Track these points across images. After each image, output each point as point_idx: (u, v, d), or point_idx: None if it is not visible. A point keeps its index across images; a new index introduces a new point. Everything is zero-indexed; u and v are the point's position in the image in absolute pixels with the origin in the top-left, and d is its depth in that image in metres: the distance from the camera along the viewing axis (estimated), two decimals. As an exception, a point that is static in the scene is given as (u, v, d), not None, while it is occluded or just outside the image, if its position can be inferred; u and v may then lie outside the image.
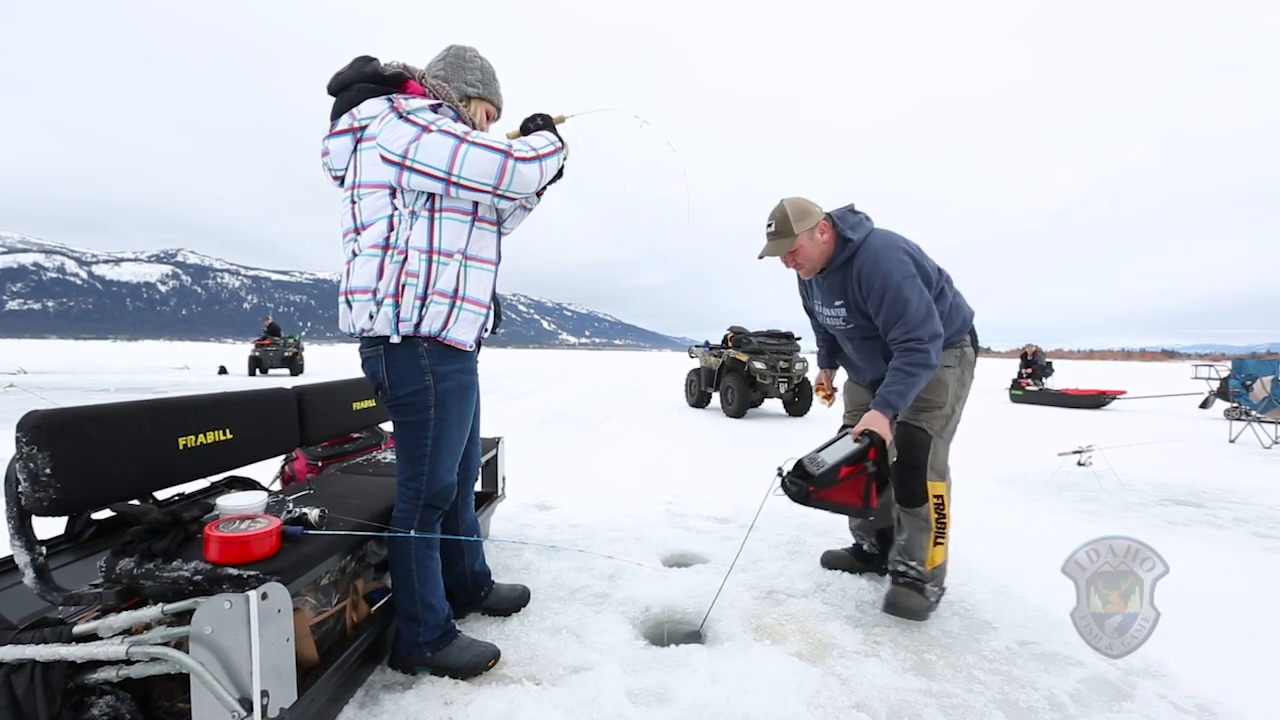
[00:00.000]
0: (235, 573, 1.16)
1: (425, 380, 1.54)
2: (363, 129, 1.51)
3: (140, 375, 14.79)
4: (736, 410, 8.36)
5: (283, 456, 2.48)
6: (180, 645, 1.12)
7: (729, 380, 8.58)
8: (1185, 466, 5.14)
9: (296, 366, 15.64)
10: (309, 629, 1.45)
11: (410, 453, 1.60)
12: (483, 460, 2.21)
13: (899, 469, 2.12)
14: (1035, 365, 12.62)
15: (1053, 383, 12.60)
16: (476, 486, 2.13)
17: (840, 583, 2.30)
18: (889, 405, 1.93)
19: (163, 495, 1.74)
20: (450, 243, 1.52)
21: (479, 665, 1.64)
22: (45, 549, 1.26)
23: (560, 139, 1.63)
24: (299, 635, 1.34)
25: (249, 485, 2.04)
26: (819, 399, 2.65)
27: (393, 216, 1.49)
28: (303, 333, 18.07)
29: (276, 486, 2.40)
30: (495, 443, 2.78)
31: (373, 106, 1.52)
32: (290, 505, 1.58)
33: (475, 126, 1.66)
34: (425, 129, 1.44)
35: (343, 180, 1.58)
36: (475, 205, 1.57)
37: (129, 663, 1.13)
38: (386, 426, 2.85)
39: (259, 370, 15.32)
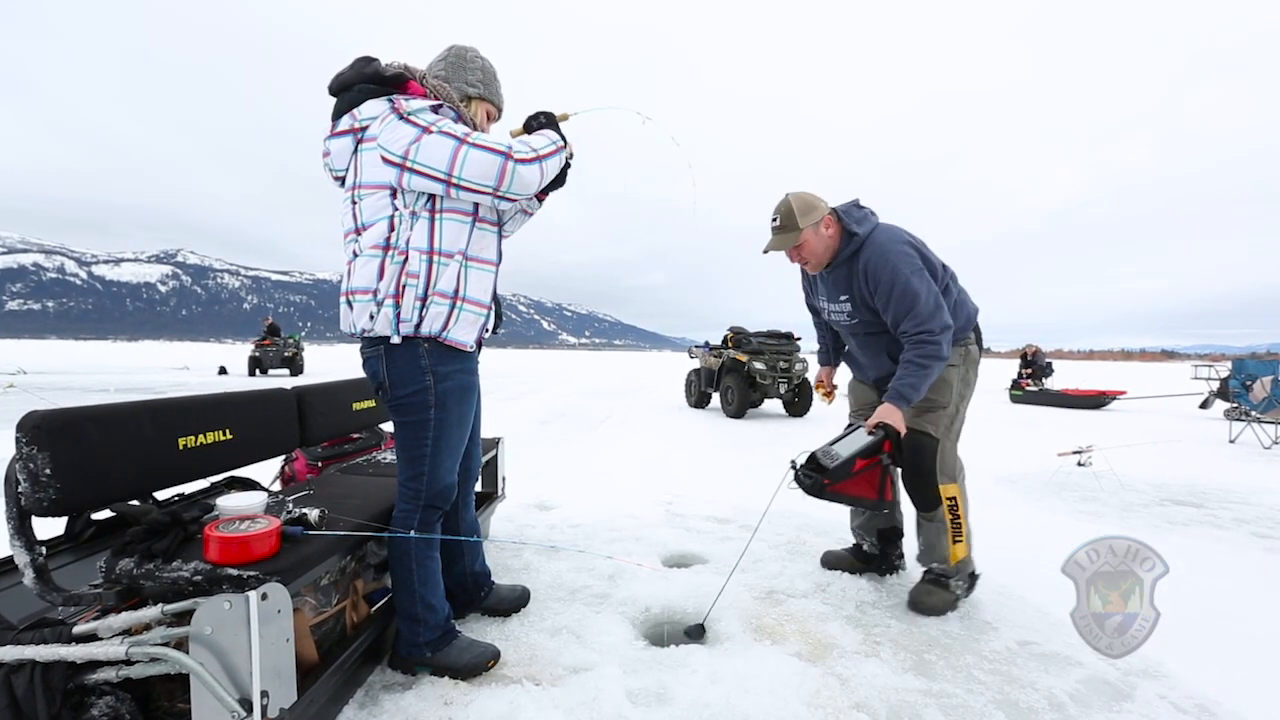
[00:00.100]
0: (235, 573, 1.16)
1: (425, 380, 1.54)
2: (363, 130, 1.52)
3: (140, 375, 14.79)
4: (736, 410, 8.36)
5: (282, 457, 2.48)
6: (180, 646, 1.12)
7: (729, 380, 8.58)
8: (1185, 467, 5.14)
9: (296, 367, 15.65)
10: (309, 629, 1.45)
11: (410, 453, 1.60)
12: (483, 460, 2.21)
13: (908, 477, 2.11)
14: (1035, 365, 12.62)
15: (1053, 383, 12.59)
16: (477, 487, 2.13)
17: (840, 583, 2.30)
18: (902, 398, 1.92)
19: (163, 495, 1.74)
20: (451, 243, 1.53)
21: (479, 665, 1.64)
22: (45, 549, 1.26)
23: (563, 137, 1.62)
24: (299, 635, 1.34)
25: (249, 486, 2.04)
26: (819, 396, 2.63)
27: (393, 217, 1.50)
28: (302, 333, 18.06)
29: (276, 487, 2.39)
30: (495, 443, 2.78)
31: (373, 107, 1.52)
32: (290, 506, 1.58)
33: (476, 127, 1.66)
34: (426, 130, 1.44)
35: (344, 181, 1.58)
36: (476, 206, 1.57)
37: (129, 663, 1.13)
38: (386, 427, 2.85)
39: (259, 370, 15.33)
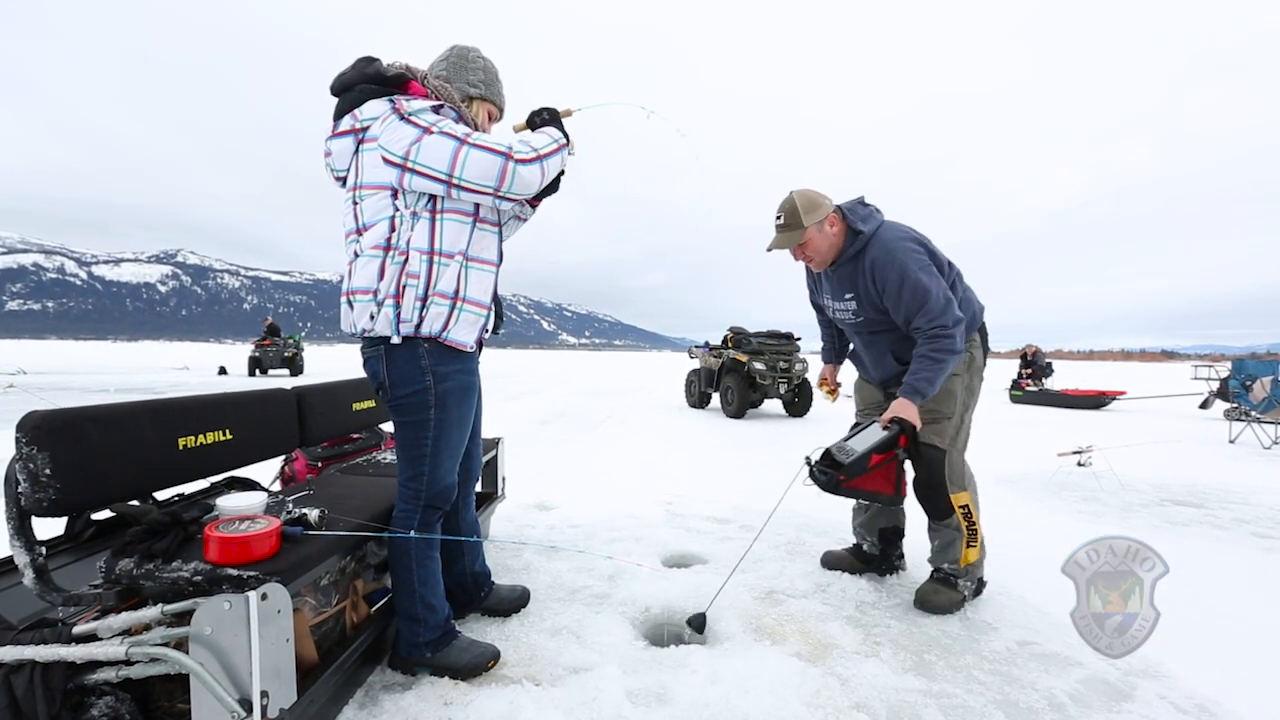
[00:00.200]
0: (235, 573, 1.15)
1: (425, 381, 1.54)
2: (364, 130, 1.52)
3: (140, 376, 14.79)
4: (736, 411, 8.36)
5: (282, 457, 2.48)
6: (180, 646, 1.11)
7: (729, 381, 8.58)
8: (1185, 467, 5.14)
9: (296, 367, 15.65)
10: (309, 629, 1.45)
11: (411, 453, 1.60)
12: (483, 461, 2.21)
13: (920, 489, 2.10)
14: (1035, 366, 12.62)
15: (1052, 383, 12.60)
16: (477, 487, 2.13)
17: (840, 583, 2.30)
18: (917, 392, 1.91)
19: (162, 496, 1.74)
20: (451, 244, 1.53)
21: (479, 666, 1.64)
22: (45, 549, 1.26)
23: (565, 135, 1.62)
24: (299, 636, 1.34)
25: (249, 486, 2.04)
26: (823, 394, 2.60)
27: (394, 217, 1.50)
28: (302, 333, 18.07)
29: (276, 487, 2.39)
30: (495, 443, 2.78)
31: (375, 108, 1.52)
32: (290, 506, 1.58)
33: (477, 127, 1.66)
34: (426, 130, 1.44)
35: (345, 181, 1.58)
36: (476, 206, 1.57)
37: (129, 663, 1.13)
38: (386, 427, 2.85)
39: (259, 371, 15.33)
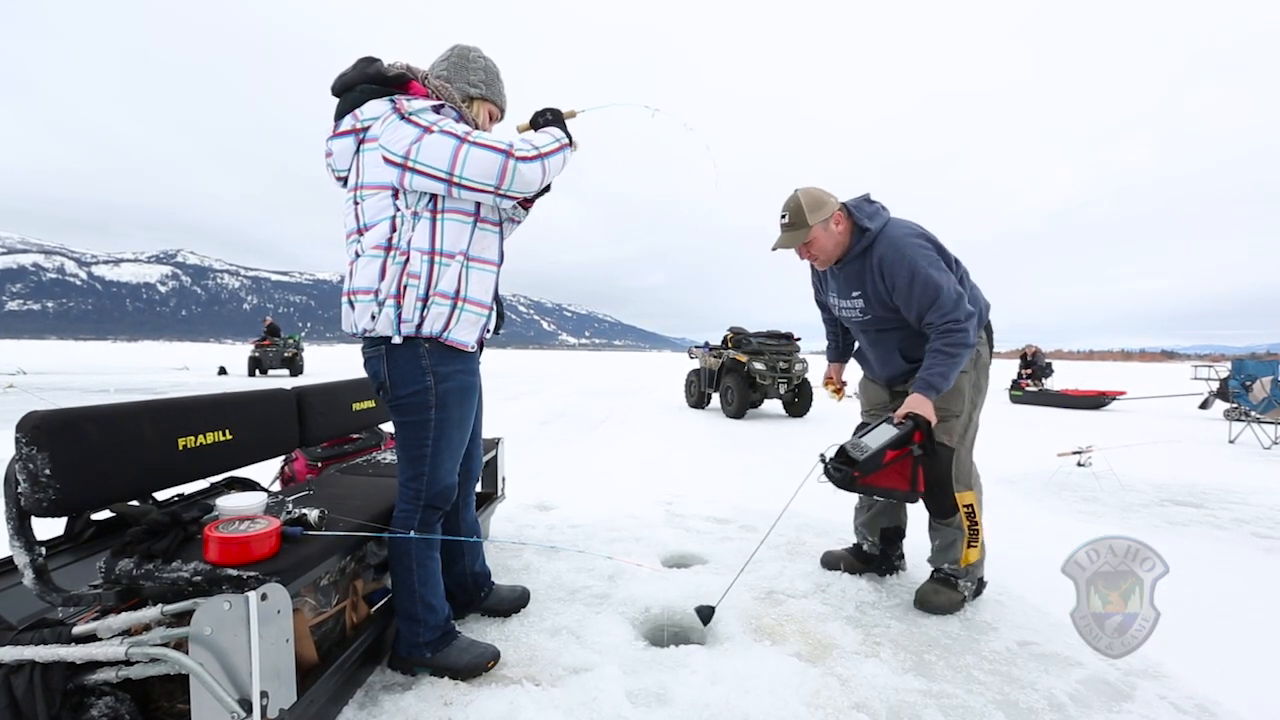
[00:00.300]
0: (235, 573, 1.15)
1: (426, 381, 1.54)
2: (365, 130, 1.52)
3: (140, 376, 14.78)
4: (736, 411, 8.36)
5: (282, 457, 2.48)
6: (180, 646, 1.11)
7: (729, 381, 8.58)
8: (1185, 467, 5.14)
9: (296, 367, 15.64)
10: (309, 630, 1.45)
11: (411, 453, 1.60)
12: (483, 461, 2.21)
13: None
14: (1035, 366, 12.62)
15: (1052, 383, 12.59)
16: (477, 487, 2.13)
17: (840, 583, 2.30)
18: (931, 387, 1.90)
19: (162, 496, 1.74)
20: (452, 244, 1.53)
21: (479, 666, 1.64)
22: (45, 550, 1.26)
23: (568, 135, 1.62)
24: (299, 636, 1.34)
25: (248, 486, 2.04)
26: (829, 393, 2.58)
27: (395, 217, 1.50)
28: (302, 333, 18.06)
29: (276, 487, 2.39)
30: (495, 443, 2.78)
31: (375, 108, 1.52)
32: (290, 506, 1.58)
33: (478, 127, 1.66)
34: (427, 130, 1.44)
35: (346, 181, 1.58)
36: (477, 206, 1.57)
37: (128, 664, 1.13)
38: (386, 427, 2.85)
39: (259, 371, 15.32)
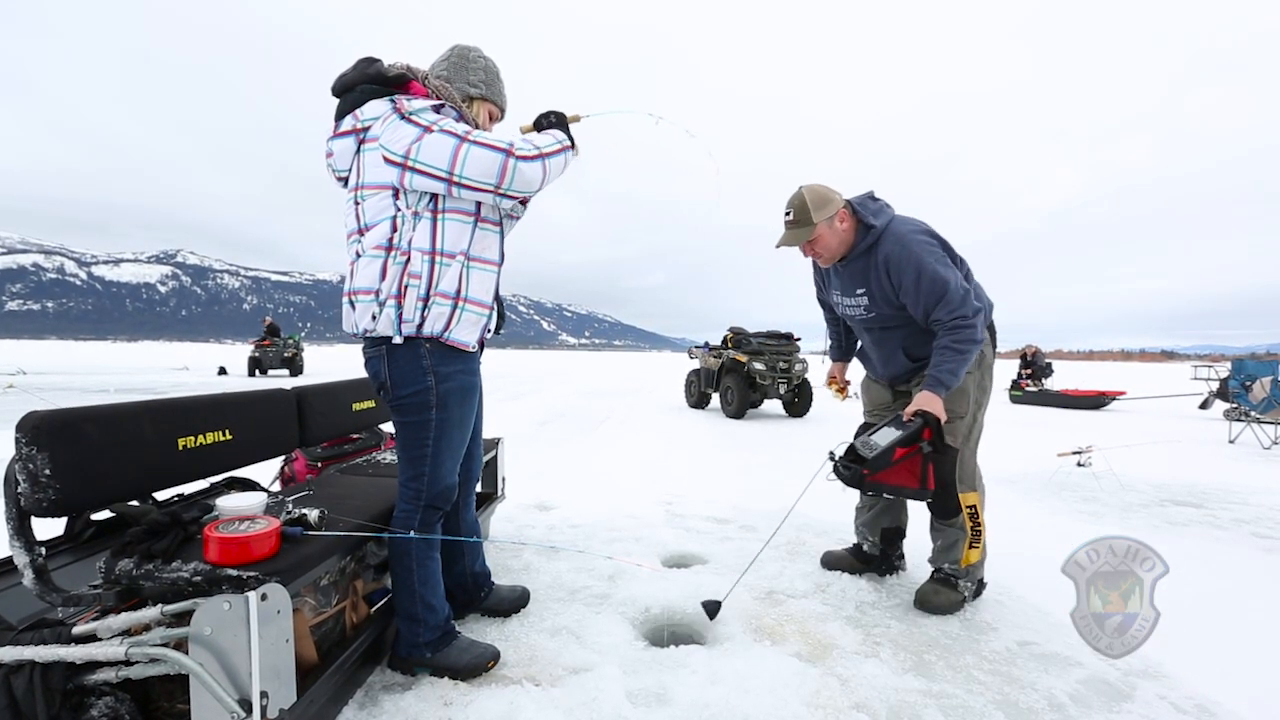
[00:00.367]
0: (235, 573, 1.15)
1: (427, 381, 1.54)
2: (366, 130, 1.52)
3: (140, 376, 14.78)
4: (736, 411, 8.36)
5: (282, 457, 2.48)
6: (180, 646, 1.11)
7: (729, 381, 8.58)
8: (1185, 467, 5.14)
9: (296, 367, 15.64)
10: (308, 630, 1.45)
11: (412, 453, 1.60)
12: (483, 461, 2.21)
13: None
14: (1035, 366, 12.62)
15: (1052, 383, 12.60)
16: (477, 487, 2.13)
17: (840, 583, 2.30)
18: (941, 384, 1.89)
19: (162, 496, 1.74)
20: (453, 244, 1.53)
21: (479, 666, 1.64)
22: (45, 550, 1.26)
23: (570, 138, 1.62)
24: (298, 636, 1.34)
25: (248, 486, 2.04)
26: (832, 393, 2.56)
27: (396, 217, 1.50)
28: (302, 333, 18.05)
29: (276, 487, 2.39)
30: (495, 443, 2.78)
31: (376, 108, 1.52)
32: (290, 506, 1.57)
33: (478, 127, 1.66)
34: (427, 129, 1.44)
35: (346, 181, 1.58)
36: (478, 206, 1.57)
37: (128, 664, 1.13)
38: (386, 427, 2.85)
39: (258, 371, 15.32)
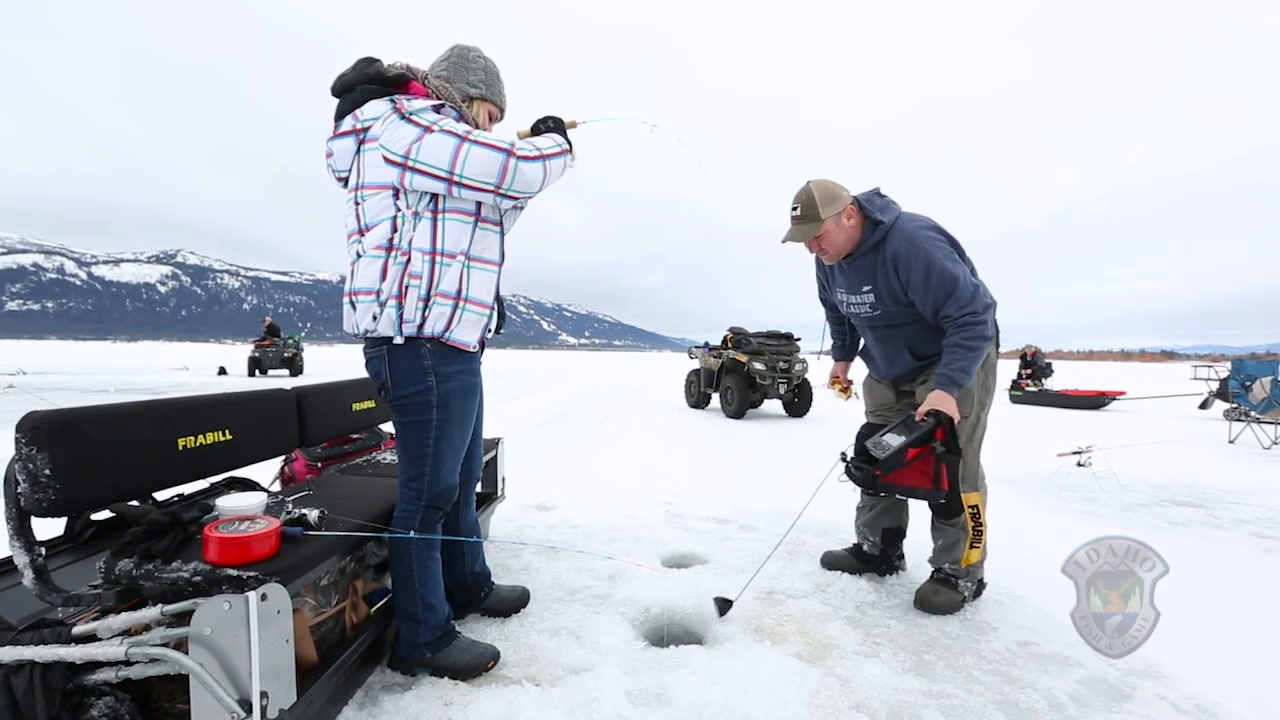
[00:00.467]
0: (235, 573, 1.15)
1: (428, 381, 1.54)
2: (366, 130, 1.52)
3: (140, 376, 14.78)
4: (736, 411, 8.36)
5: (282, 457, 2.48)
6: (180, 646, 1.11)
7: (729, 381, 8.58)
8: (1185, 467, 5.14)
9: (296, 367, 15.64)
10: (308, 630, 1.45)
11: (412, 453, 1.60)
12: (483, 461, 2.21)
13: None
14: (1035, 366, 12.62)
15: (1052, 383, 12.59)
16: (477, 488, 2.13)
17: (840, 583, 2.30)
18: (953, 383, 1.88)
19: (162, 496, 1.74)
20: (453, 244, 1.53)
21: (479, 666, 1.64)
22: (45, 550, 1.26)
23: (569, 143, 1.63)
24: (298, 636, 1.34)
25: (248, 486, 2.04)
26: (835, 393, 2.54)
27: (396, 218, 1.50)
28: (302, 334, 18.05)
29: (276, 487, 2.39)
30: (495, 443, 2.78)
31: (375, 108, 1.52)
32: (290, 506, 1.57)
33: (478, 127, 1.67)
34: (427, 129, 1.44)
35: (347, 181, 1.58)
36: (478, 206, 1.57)
37: (128, 664, 1.13)
38: (386, 427, 2.85)
39: (258, 371, 15.32)
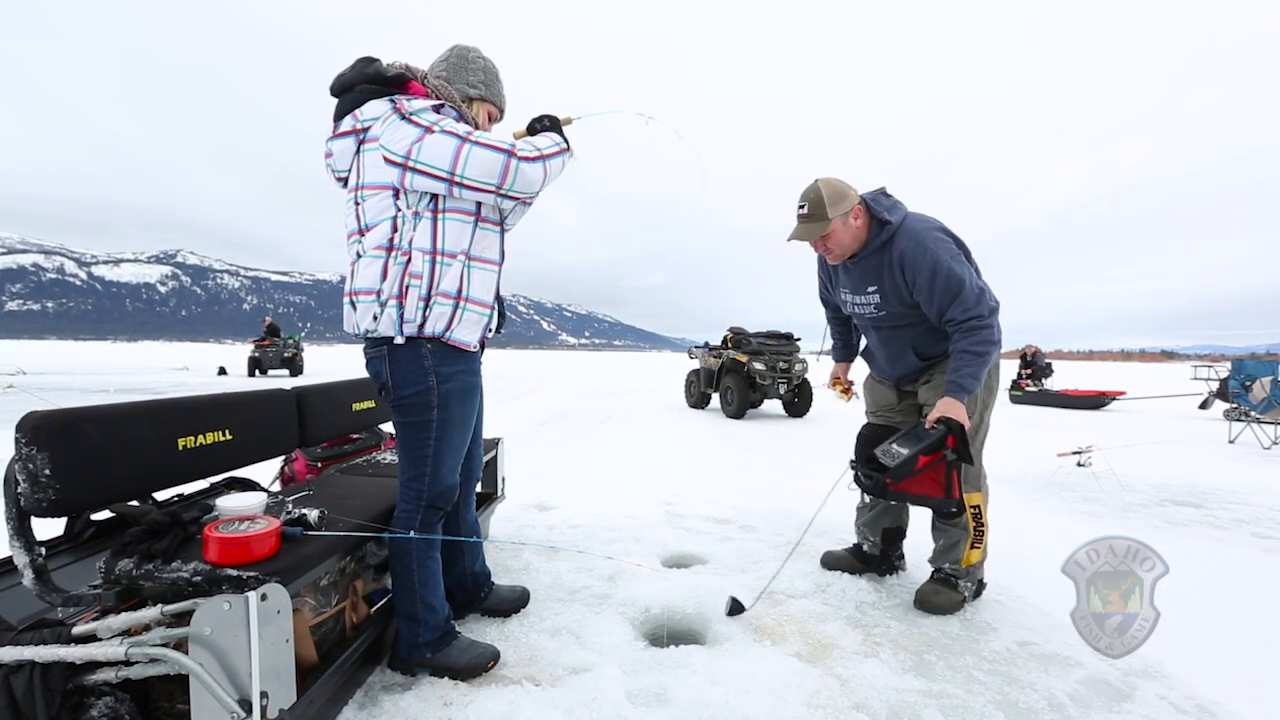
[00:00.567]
0: (235, 573, 1.15)
1: (428, 381, 1.54)
2: (365, 130, 1.52)
3: (140, 376, 14.78)
4: (736, 411, 8.36)
5: (282, 457, 2.48)
6: (180, 646, 1.11)
7: (729, 381, 8.58)
8: (1185, 467, 5.14)
9: (296, 367, 15.64)
10: (308, 630, 1.45)
11: (413, 453, 1.60)
12: (483, 461, 2.21)
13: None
14: (1035, 366, 12.62)
15: (1052, 383, 12.59)
16: (477, 488, 2.13)
17: (840, 583, 2.30)
18: (963, 389, 1.86)
19: (162, 496, 1.74)
20: (453, 243, 1.53)
21: (479, 666, 1.64)
22: (45, 550, 1.26)
23: (566, 141, 1.63)
24: (298, 636, 1.34)
25: (248, 486, 2.04)
26: (836, 394, 2.52)
27: (396, 218, 1.49)
28: (302, 334, 18.05)
29: (276, 487, 2.39)
30: (495, 443, 2.78)
31: (375, 108, 1.52)
32: (290, 506, 1.57)
33: (477, 128, 1.67)
34: (428, 130, 1.44)
35: (346, 181, 1.58)
36: (478, 205, 1.57)
37: (128, 664, 1.13)
38: (386, 427, 2.85)
39: (258, 371, 15.32)
